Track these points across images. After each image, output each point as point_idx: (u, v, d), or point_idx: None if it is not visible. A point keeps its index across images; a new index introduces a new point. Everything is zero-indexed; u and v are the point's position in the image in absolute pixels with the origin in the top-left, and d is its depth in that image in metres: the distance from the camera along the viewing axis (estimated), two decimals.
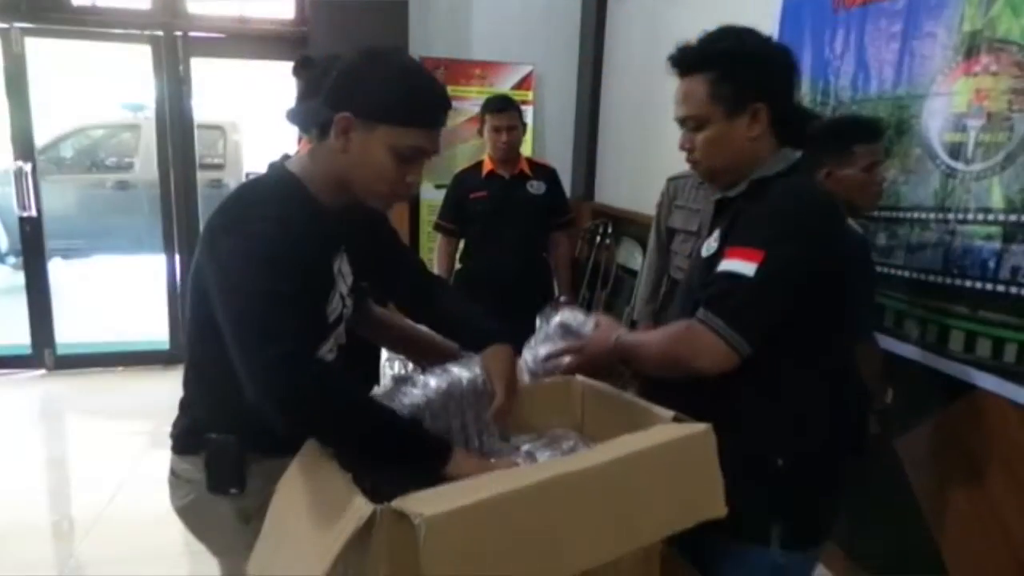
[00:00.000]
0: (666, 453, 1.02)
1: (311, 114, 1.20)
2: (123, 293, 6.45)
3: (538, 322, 1.43)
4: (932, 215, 1.90)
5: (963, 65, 1.81)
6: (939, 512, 1.94)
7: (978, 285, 1.77)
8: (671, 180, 2.68)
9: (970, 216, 1.79)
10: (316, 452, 1.08)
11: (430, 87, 1.18)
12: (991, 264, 1.73)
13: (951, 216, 1.84)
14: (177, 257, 4.33)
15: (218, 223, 1.15)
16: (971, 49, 1.78)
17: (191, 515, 1.33)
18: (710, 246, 1.27)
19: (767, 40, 1.28)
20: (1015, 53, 1.67)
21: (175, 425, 1.34)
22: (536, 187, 2.99)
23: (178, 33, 3.99)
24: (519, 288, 2.89)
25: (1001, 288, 1.71)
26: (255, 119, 7.21)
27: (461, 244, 3.16)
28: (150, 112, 4.55)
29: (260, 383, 1.01)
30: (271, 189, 1.20)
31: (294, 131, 1.52)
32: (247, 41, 4.19)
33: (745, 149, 1.25)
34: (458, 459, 1.07)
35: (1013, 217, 1.68)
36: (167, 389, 1.36)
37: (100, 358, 4.49)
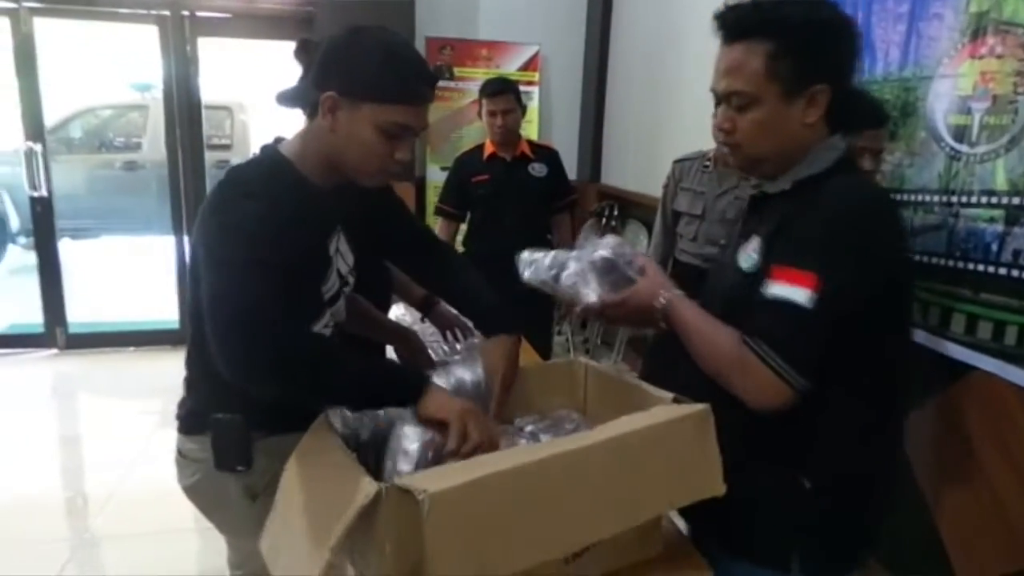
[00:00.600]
0: (665, 432, 1.04)
1: (300, 94, 1.22)
2: (133, 273, 6.50)
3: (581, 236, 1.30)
4: (936, 198, 1.90)
5: (969, 47, 1.80)
6: (938, 491, 1.97)
7: (980, 268, 1.77)
8: (677, 163, 2.68)
9: (973, 199, 1.79)
10: (325, 430, 1.11)
11: (412, 62, 1.19)
12: (993, 247, 1.74)
13: (955, 199, 1.84)
14: (186, 238, 4.37)
15: (208, 205, 1.18)
16: (977, 31, 1.77)
17: (199, 494, 1.37)
18: (750, 257, 1.12)
19: (836, 8, 1.10)
20: (1021, 35, 1.66)
21: (180, 405, 1.38)
22: (538, 169, 3.00)
23: (185, 13, 4.00)
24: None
25: (1003, 271, 1.71)
26: (262, 99, 7.22)
27: (463, 228, 3.17)
28: (158, 92, 4.56)
29: (240, 352, 1.05)
30: (259, 170, 1.22)
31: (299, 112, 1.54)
32: (253, 21, 4.20)
33: (797, 136, 1.10)
34: (430, 396, 1.11)
35: (1016, 200, 1.68)
36: (178, 368, 1.39)
37: (111, 337, 4.55)
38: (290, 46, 1.29)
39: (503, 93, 2.90)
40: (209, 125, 4.95)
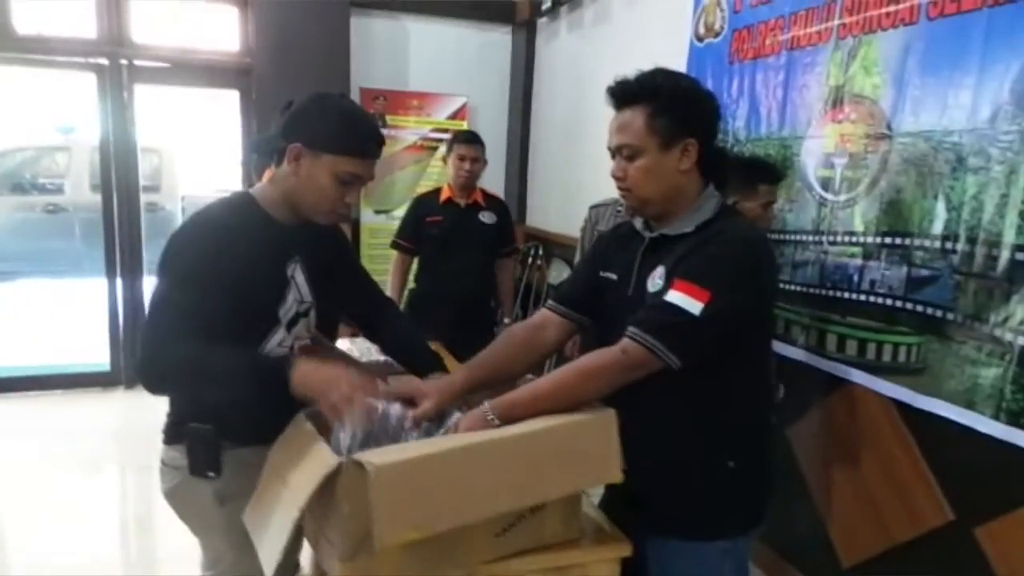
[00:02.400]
0: (570, 430, 1.25)
1: (269, 143, 1.46)
2: (58, 316, 6.34)
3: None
4: (810, 237, 2.26)
5: (830, 113, 2.17)
6: (823, 490, 2.28)
7: (846, 295, 2.12)
8: (593, 208, 2.97)
9: (839, 238, 2.15)
10: (302, 421, 1.32)
11: (366, 124, 1.47)
12: (855, 278, 2.09)
13: (824, 238, 2.20)
14: (119, 280, 4.38)
15: (165, 247, 1.40)
16: (836, 100, 2.15)
17: (176, 498, 1.53)
18: (656, 283, 1.33)
19: (697, 82, 1.40)
20: (868, 105, 2.04)
21: (166, 419, 1.54)
22: (487, 217, 3.24)
23: (123, 62, 4.09)
24: (466, 306, 3.15)
25: (863, 297, 2.06)
26: (190, 143, 7.26)
27: (415, 263, 3.38)
28: (81, 134, 4.60)
29: (136, 373, 1.31)
30: (222, 205, 1.46)
31: (230, 156, 1.76)
32: (192, 71, 4.32)
33: (675, 181, 1.34)
34: (296, 378, 1.26)
35: (870, 239, 2.04)
36: (109, 410, 1.56)
37: (37, 381, 4.47)
38: (228, 95, 1.54)
39: (476, 143, 3.16)
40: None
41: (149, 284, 4.66)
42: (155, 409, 1.54)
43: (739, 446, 1.37)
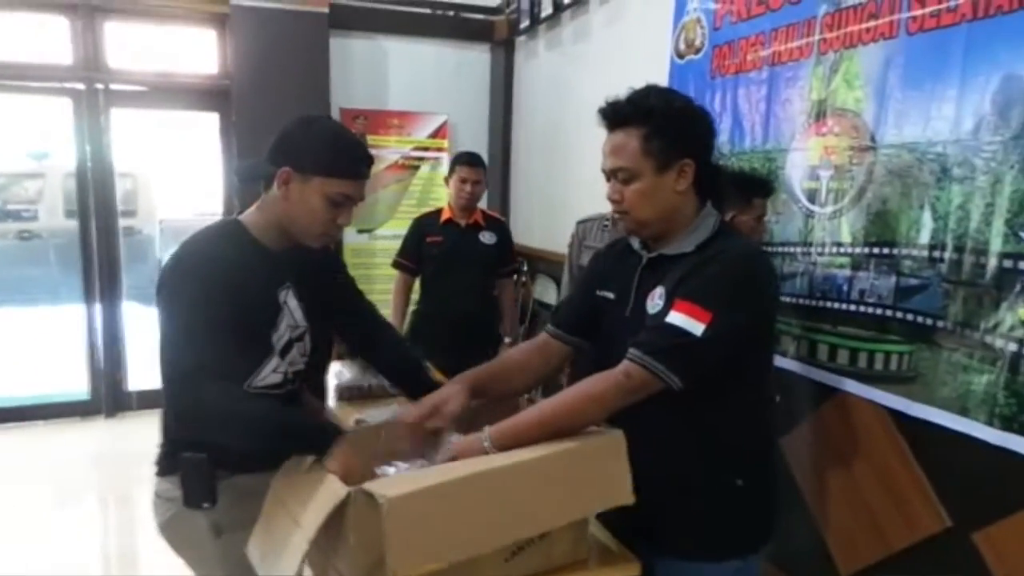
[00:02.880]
0: (580, 454, 1.25)
1: (256, 169, 1.45)
2: (34, 345, 6.20)
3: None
4: (798, 249, 2.28)
5: (814, 126, 2.21)
6: (819, 498, 2.29)
7: (836, 305, 2.14)
8: (580, 223, 2.99)
9: (827, 249, 2.18)
10: (303, 456, 1.30)
11: (356, 145, 1.46)
12: (844, 288, 2.11)
13: (812, 249, 2.22)
14: (98, 307, 4.31)
15: (164, 268, 1.39)
16: (819, 114, 2.18)
17: (171, 530, 1.50)
18: (656, 304, 1.32)
19: (691, 101, 1.38)
20: (851, 118, 2.08)
21: (158, 450, 1.51)
22: (488, 237, 3.26)
23: (100, 86, 4.05)
24: (468, 326, 3.16)
25: (853, 307, 2.08)
26: (168, 166, 7.18)
27: (417, 282, 3.37)
28: (55, 160, 4.54)
29: (170, 411, 1.28)
30: (211, 233, 1.45)
31: (210, 178, 1.75)
32: (169, 94, 4.30)
33: (672, 202, 1.34)
34: (334, 455, 1.27)
35: (857, 249, 2.07)
36: (87, 440, 1.54)
37: (13, 412, 4.37)
38: (207, 117, 1.53)
39: (478, 166, 3.18)
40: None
41: (129, 310, 4.61)
42: (137, 438, 1.53)
43: (745, 464, 1.37)
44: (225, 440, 1.31)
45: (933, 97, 1.83)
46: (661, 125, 1.30)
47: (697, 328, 1.22)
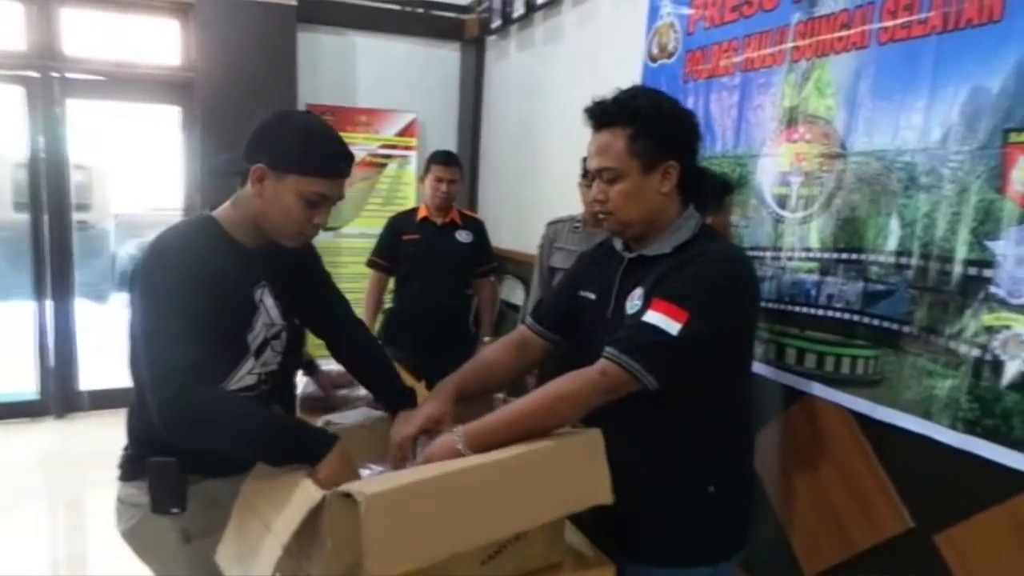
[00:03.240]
0: (558, 452, 1.24)
1: (231, 165, 1.40)
2: None
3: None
4: (768, 253, 2.31)
5: (785, 133, 2.24)
6: (784, 500, 2.32)
7: (804, 310, 2.17)
8: (550, 224, 2.99)
9: (795, 254, 2.21)
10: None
11: (333, 142, 1.39)
12: (812, 292, 2.14)
13: (782, 254, 2.25)
14: (49, 303, 4.16)
15: (138, 266, 1.33)
16: (791, 120, 2.21)
17: (136, 537, 1.44)
18: (635, 304, 1.33)
19: (678, 103, 1.39)
20: (823, 125, 2.11)
21: (122, 454, 1.45)
22: (464, 236, 3.25)
23: (55, 75, 3.91)
24: (442, 325, 3.14)
25: (821, 312, 2.11)
26: (125, 159, 6.99)
27: (391, 282, 3.34)
28: (5, 151, 4.38)
29: (157, 415, 1.20)
30: (184, 229, 1.39)
31: (169, 173, 1.70)
32: (129, 84, 4.17)
33: (657, 203, 1.35)
34: (327, 462, 1.22)
35: (826, 255, 2.10)
36: (36, 442, 1.48)
37: None
38: (168, 110, 1.47)
39: (453, 165, 3.17)
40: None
41: (81, 307, 4.46)
42: (89, 439, 1.47)
43: (720, 470, 1.37)
44: (217, 445, 1.23)
45: (902, 107, 1.86)
46: (647, 126, 1.31)
47: (673, 327, 1.22)
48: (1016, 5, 1.60)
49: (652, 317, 1.24)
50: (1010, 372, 1.63)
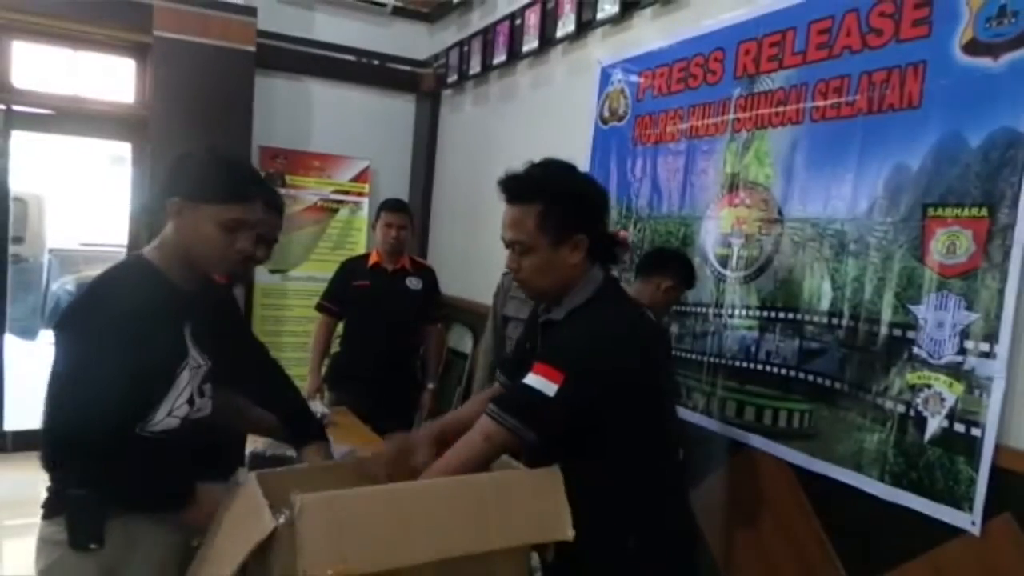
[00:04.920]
0: (512, 481, 1.30)
1: (154, 202, 1.47)
2: None
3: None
4: (710, 310, 2.43)
5: (727, 197, 2.38)
6: (724, 550, 2.39)
7: (744, 365, 2.28)
8: (505, 274, 3.06)
9: (736, 311, 2.33)
10: (248, 490, 1.28)
11: (241, 168, 1.47)
12: (752, 349, 2.26)
13: (723, 311, 2.37)
14: None
15: (69, 304, 1.37)
16: (732, 186, 2.36)
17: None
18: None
19: (587, 177, 1.48)
20: (761, 192, 2.26)
21: (46, 492, 1.42)
22: (414, 283, 3.27)
23: (1, 106, 3.83)
24: (389, 370, 3.14)
25: (759, 367, 2.23)
26: (64, 193, 6.81)
27: (340, 326, 3.33)
28: None
29: (51, 447, 1.30)
30: (119, 268, 1.43)
31: (111, 209, 1.73)
32: (79, 120, 4.11)
33: (567, 274, 1.40)
34: (189, 511, 1.35)
35: (765, 313, 2.22)
36: None
37: None
38: (114, 145, 1.52)
39: (402, 211, 3.20)
40: None
41: (12, 344, 4.28)
42: (10, 483, 1.46)
43: (639, 523, 1.39)
44: (100, 491, 1.32)
45: (833, 179, 2.02)
46: (556, 203, 1.37)
47: (550, 388, 1.28)
48: (933, 95, 1.78)
49: (531, 379, 1.31)
50: (932, 427, 1.75)
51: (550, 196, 1.37)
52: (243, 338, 1.76)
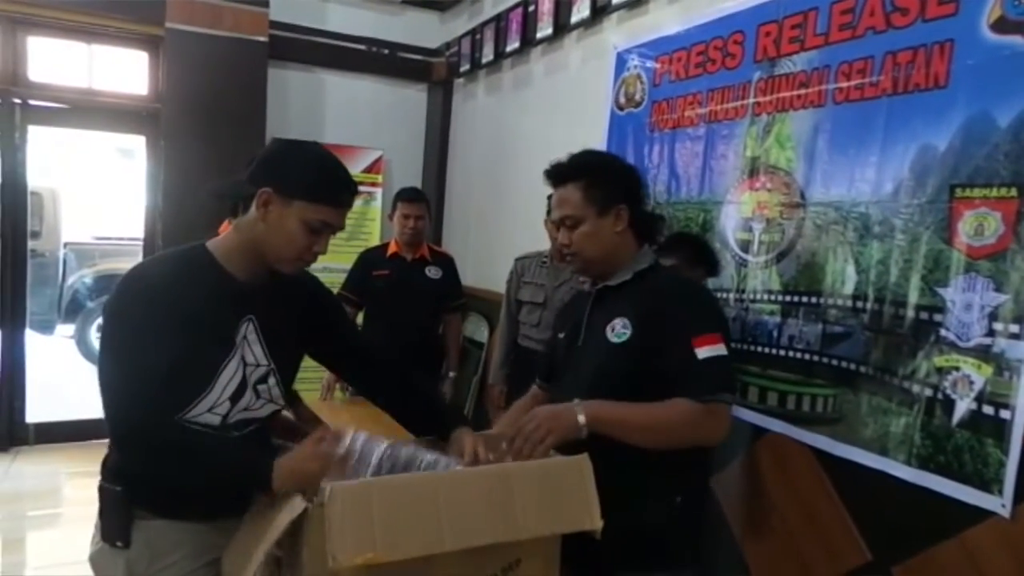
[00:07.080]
0: (541, 471, 1.30)
1: (235, 188, 1.40)
2: None
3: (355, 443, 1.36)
4: (731, 295, 2.41)
5: (748, 182, 2.36)
6: (747, 536, 2.39)
7: (766, 350, 2.27)
8: (518, 260, 3.08)
9: (758, 296, 2.31)
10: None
11: (341, 173, 1.42)
12: (774, 334, 2.25)
13: (745, 296, 2.36)
14: None
15: (114, 289, 1.34)
16: (753, 170, 2.34)
17: (95, 564, 1.41)
18: (621, 333, 1.55)
19: (620, 158, 1.71)
20: (783, 176, 2.24)
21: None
22: (433, 272, 3.29)
23: (17, 101, 3.86)
24: (410, 360, 3.13)
25: (782, 352, 2.22)
26: (79, 186, 6.84)
27: (360, 316, 3.36)
28: None
29: (116, 444, 1.29)
30: (169, 255, 1.42)
31: (125, 203, 1.70)
32: (92, 113, 4.13)
33: (614, 241, 1.61)
34: (279, 478, 1.22)
35: (786, 297, 2.21)
36: None
37: None
38: (130, 139, 1.49)
39: (418, 201, 3.22)
40: None
41: (31, 338, 4.32)
42: (34, 474, 1.46)
43: (686, 482, 1.55)
44: (171, 475, 1.28)
45: (857, 161, 2.00)
46: (598, 177, 1.60)
47: (723, 350, 1.49)
48: (960, 74, 1.76)
49: (705, 352, 1.46)
50: (960, 411, 1.74)
51: (592, 171, 1.60)
52: (339, 328, 1.64)
